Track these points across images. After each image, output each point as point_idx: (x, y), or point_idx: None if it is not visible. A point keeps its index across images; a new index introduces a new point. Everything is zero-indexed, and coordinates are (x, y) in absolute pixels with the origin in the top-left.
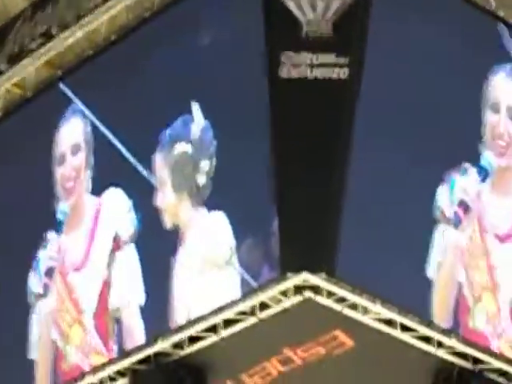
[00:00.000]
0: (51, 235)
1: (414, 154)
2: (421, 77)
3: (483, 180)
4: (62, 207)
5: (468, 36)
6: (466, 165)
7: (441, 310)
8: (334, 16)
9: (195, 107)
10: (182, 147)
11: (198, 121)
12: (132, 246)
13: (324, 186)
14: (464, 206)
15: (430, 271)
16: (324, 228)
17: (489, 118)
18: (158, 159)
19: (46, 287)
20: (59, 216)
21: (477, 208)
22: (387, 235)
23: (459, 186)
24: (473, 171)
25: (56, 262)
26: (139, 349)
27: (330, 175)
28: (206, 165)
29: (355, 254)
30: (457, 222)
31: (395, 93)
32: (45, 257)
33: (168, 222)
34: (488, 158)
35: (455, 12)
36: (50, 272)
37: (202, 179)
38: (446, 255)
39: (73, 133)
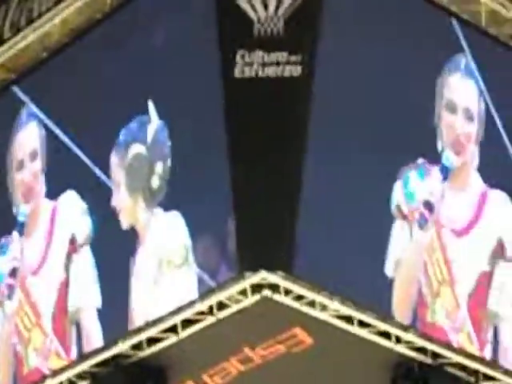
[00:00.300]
0: (14, 236)
1: (369, 151)
2: (375, 73)
3: (445, 179)
4: (23, 209)
5: (421, 31)
6: (421, 161)
7: (401, 306)
8: (286, 14)
9: (151, 107)
10: (136, 149)
11: (154, 121)
12: (88, 248)
13: (280, 184)
14: (429, 207)
15: (389, 268)
16: (281, 226)
17: (445, 117)
18: (114, 160)
19: (10, 289)
20: (20, 218)
21: (438, 206)
22: (345, 232)
23: (423, 187)
24: (435, 171)
25: (19, 264)
26: (98, 351)
27: (286, 173)
28: (160, 167)
29: (313, 252)
30: (423, 223)
31: (349, 90)
32: (6, 260)
33: (124, 223)
34: (448, 156)
35: (408, 7)
36: (14, 273)
37: (156, 182)
38: (407, 253)
39: (30, 138)
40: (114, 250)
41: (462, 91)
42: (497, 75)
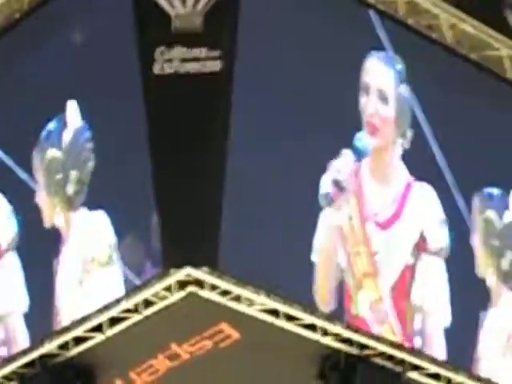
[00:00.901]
0: None
1: (296, 144)
2: (296, 67)
3: (358, 159)
4: None
5: (340, 24)
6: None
7: (323, 293)
8: (205, 9)
9: (70, 108)
10: (52, 153)
11: (72, 123)
12: (13, 252)
13: (203, 179)
14: (337, 186)
15: (314, 256)
16: (205, 221)
17: (361, 100)
18: (35, 159)
19: None
20: None
21: (353, 189)
22: (271, 226)
23: (333, 168)
24: (348, 152)
25: None
26: (25, 352)
27: (209, 169)
28: (75, 175)
29: (238, 246)
30: (330, 201)
31: (271, 84)
32: None
33: (47, 223)
34: (361, 137)
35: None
36: None
37: (71, 188)
38: (326, 238)
39: None
40: (39, 250)
41: (376, 73)
42: (415, 65)
